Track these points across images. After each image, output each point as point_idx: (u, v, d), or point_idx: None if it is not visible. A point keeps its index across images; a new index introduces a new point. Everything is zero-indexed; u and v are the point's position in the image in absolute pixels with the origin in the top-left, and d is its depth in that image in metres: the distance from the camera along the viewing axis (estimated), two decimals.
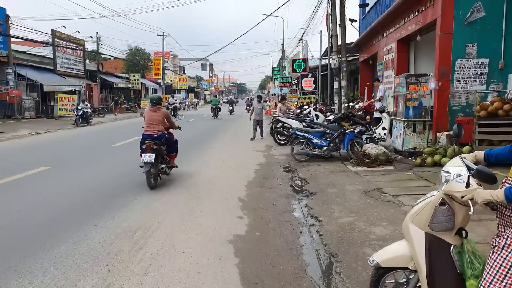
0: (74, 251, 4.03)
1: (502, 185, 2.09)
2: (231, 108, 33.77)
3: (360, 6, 17.63)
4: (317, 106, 16.16)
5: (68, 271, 3.58)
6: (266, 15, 25.59)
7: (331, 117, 11.64)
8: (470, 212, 2.10)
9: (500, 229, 2.15)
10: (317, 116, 13.00)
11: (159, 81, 47.02)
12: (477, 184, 2.11)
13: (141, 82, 41.76)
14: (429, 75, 8.82)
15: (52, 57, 27.75)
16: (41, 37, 28.23)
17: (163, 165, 6.95)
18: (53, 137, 15.30)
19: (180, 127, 7.80)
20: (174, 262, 3.79)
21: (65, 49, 28.61)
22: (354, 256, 3.83)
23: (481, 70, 9.01)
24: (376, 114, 11.02)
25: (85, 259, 3.84)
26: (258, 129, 14.39)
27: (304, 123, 11.43)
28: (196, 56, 60.39)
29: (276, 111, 16.06)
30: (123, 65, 44.17)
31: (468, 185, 2.08)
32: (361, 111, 12.65)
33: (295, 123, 12.06)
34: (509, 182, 2.10)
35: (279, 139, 12.81)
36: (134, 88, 41.27)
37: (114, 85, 36.67)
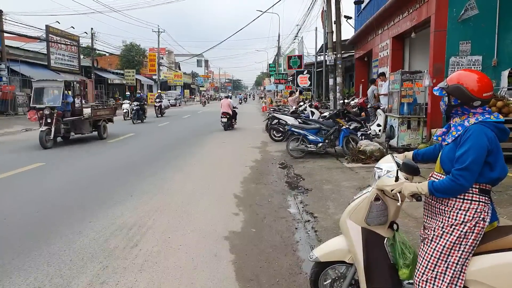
0: (68, 248, 4.02)
1: (429, 178, 2.29)
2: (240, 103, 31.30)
3: (355, 3, 17.66)
4: (313, 103, 16.19)
5: (62, 268, 3.57)
6: (261, 11, 25.54)
7: (326, 114, 11.67)
8: (397, 204, 2.27)
9: (426, 220, 2.32)
10: (313, 113, 13.02)
11: (154, 77, 46.84)
12: (404, 178, 2.29)
13: (136, 78, 41.57)
14: (424, 72, 8.86)
15: (46, 52, 27.51)
16: (35, 33, 27.86)
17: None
18: None
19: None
20: (169, 259, 3.79)
21: (59, 44, 28.37)
22: None
23: (474, 67, 9.06)
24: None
25: (80, 256, 3.83)
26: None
27: (299, 120, 11.44)
28: (192, 52, 60.28)
29: (272, 108, 16.08)
30: (118, 61, 43.91)
31: (397, 179, 2.25)
32: (356, 108, 12.70)
33: (290, 120, 12.06)
34: (435, 176, 2.27)
35: (275, 136, 12.82)
36: (129, 84, 41.09)
37: (109, 81, 36.48)
